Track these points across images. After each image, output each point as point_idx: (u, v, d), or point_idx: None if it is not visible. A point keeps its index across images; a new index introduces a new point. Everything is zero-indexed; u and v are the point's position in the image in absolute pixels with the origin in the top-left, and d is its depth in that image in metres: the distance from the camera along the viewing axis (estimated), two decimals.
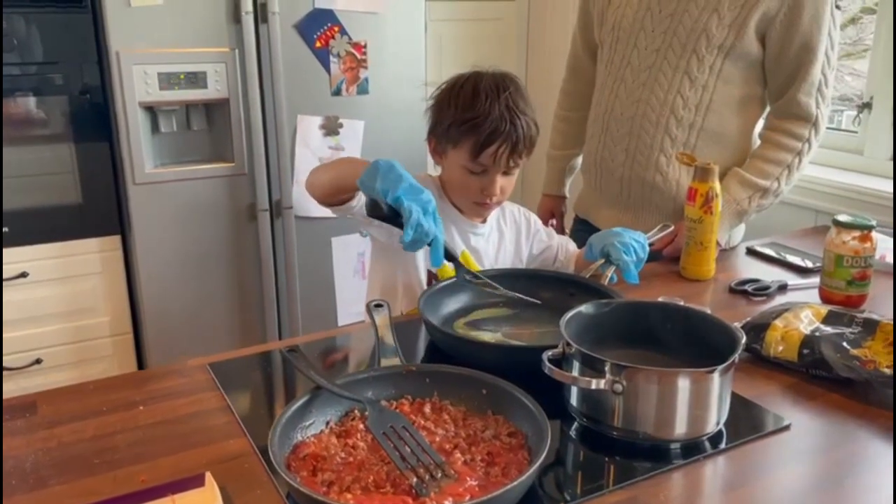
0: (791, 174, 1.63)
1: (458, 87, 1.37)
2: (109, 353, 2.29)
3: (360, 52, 2.31)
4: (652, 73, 1.65)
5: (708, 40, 1.58)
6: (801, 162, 1.64)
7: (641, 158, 1.68)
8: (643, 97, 1.66)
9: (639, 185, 1.70)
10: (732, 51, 1.58)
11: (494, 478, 0.83)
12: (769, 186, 1.63)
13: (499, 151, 1.32)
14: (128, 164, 2.12)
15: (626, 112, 1.69)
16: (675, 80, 1.63)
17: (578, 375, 0.93)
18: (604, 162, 1.76)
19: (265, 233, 2.31)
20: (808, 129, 1.61)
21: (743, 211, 1.64)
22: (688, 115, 1.63)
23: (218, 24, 2.13)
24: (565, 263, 1.59)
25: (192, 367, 1.13)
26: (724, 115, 1.64)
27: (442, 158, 1.42)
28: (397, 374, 1.00)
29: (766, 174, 1.63)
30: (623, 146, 1.71)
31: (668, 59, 1.63)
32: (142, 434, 0.95)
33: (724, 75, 1.60)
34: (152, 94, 2.10)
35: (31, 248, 2.13)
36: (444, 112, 1.36)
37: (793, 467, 0.90)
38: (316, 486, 0.81)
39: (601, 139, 1.76)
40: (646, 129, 1.67)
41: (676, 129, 1.64)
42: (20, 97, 2.06)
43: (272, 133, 2.26)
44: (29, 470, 0.87)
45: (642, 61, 1.67)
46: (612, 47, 1.74)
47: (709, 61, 1.59)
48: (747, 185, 1.63)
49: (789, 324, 1.15)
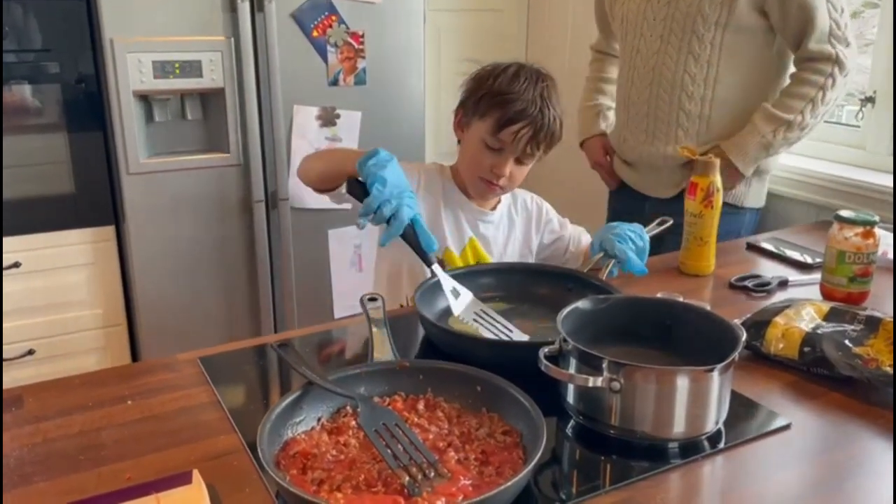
0: (815, 108, 1.74)
1: (500, 67, 1.40)
2: (102, 345, 2.27)
3: (358, 42, 2.28)
4: (659, 57, 1.82)
5: (704, 19, 1.73)
6: (826, 97, 1.74)
7: (660, 135, 1.86)
8: (654, 80, 1.84)
9: (660, 158, 1.87)
10: (729, 25, 1.72)
11: (488, 477, 0.81)
12: (793, 119, 1.74)
13: (521, 132, 1.33)
14: (122, 154, 2.09)
15: (641, 96, 1.87)
16: (680, 59, 1.78)
17: (575, 373, 0.91)
18: (627, 142, 1.95)
19: (261, 224, 2.28)
20: (831, 66, 1.72)
21: (768, 143, 1.76)
22: (697, 90, 1.79)
23: (213, 12, 2.10)
24: (576, 255, 1.57)
25: (183, 361, 1.11)
26: (734, 85, 1.78)
27: (464, 131, 1.43)
28: (391, 370, 0.98)
29: (789, 108, 1.75)
30: (643, 127, 1.89)
31: (672, 42, 1.79)
32: (129, 430, 0.93)
33: (727, 48, 1.75)
34: (146, 83, 2.07)
35: (24, 237, 2.10)
36: (480, 85, 1.39)
37: (793, 467, 0.89)
38: (305, 485, 0.79)
39: (625, 123, 1.94)
40: (661, 108, 1.84)
41: (689, 104, 1.80)
42: (14, 85, 2.04)
43: (268, 123, 2.23)
44: (13, 466, 0.86)
45: (649, 48, 1.84)
46: (623, 39, 1.93)
47: (708, 38, 1.74)
48: (772, 119, 1.75)
49: (790, 321, 1.13)
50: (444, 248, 1.44)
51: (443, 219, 1.45)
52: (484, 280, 1.30)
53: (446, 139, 2.88)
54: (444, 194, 1.47)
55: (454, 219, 1.46)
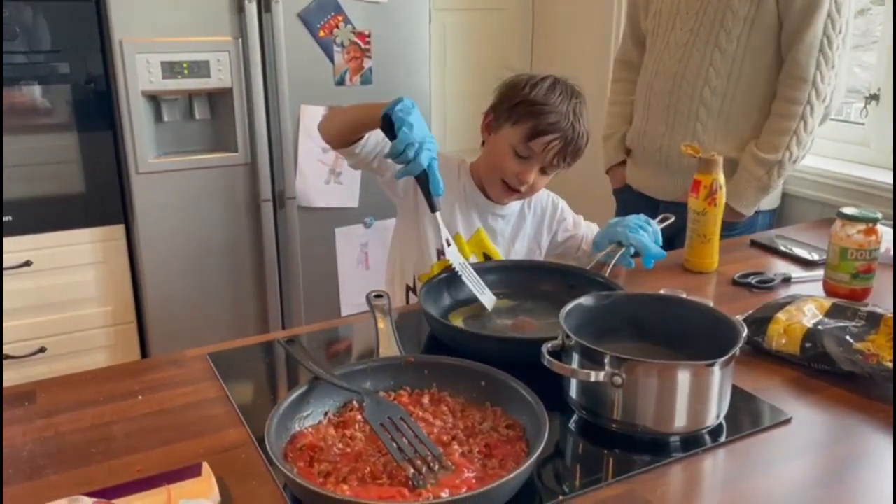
0: (801, 140, 1.75)
1: (537, 78, 1.42)
2: (113, 343, 2.29)
3: (364, 42, 2.30)
4: (686, 49, 1.83)
5: (733, 14, 1.74)
6: (808, 125, 1.74)
7: (679, 128, 1.86)
8: (679, 72, 1.84)
9: (677, 153, 1.82)
10: (756, 21, 1.73)
11: (492, 470, 0.82)
12: (782, 158, 1.75)
13: (551, 144, 1.37)
14: (131, 154, 2.11)
15: (664, 87, 1.88)
16: (706, 53, 1.79)
17: (578, 368, 0.93)
18: (646, 135, 1.95)
19: (268, 223, 2.30)
20: (807, 91, 1.72)
21: (765, 185, 1.78)
22: (721, 85, 1.79)
23: (221, 12, 2.11)
24: (588, 253, 1.58)
25: (192, 357, 1.12)
26: (755, 84, 1.78)
27: (492, 133, 1.45)
28: (396, 365, 0.99)
29: (776, 147, 1.76)
30: (663, 118, 1.89)
31: (700, 35, 1.80)
32: (139, 424, 0.95)
33: (752, 46, 1.75)
34: (155, 83, 2.09)
35: (35, 236, 2.13)
36: (516, 92, 1.40)
37: (794, 461, 0.90)
38: (312, 477, 0.81)
39: (645, 114, 1.95)
40: (682, 100, 1.84)
41: (711, 98, 1.81)
42: (24, 86, 2.06)
43: (275, 123, 2.25)
44: (25, 459, 0.87)
45: (678, 40, 1.85)
46: (654, 33, 1.93)
47: (735, 33, 1.75)
48: (762, 163, 1.76)
49: (792, 317, 1.14)
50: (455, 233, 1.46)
51: (457, 210, 1.47)
52: (488, 277, 1.31)
53: (452, 137, 2.90)
54: (460, 187, 1.49)
55: (465, 209, 1.49)
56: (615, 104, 2.13)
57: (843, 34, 1.72)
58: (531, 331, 1.20)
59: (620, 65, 2.13)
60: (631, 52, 2.08)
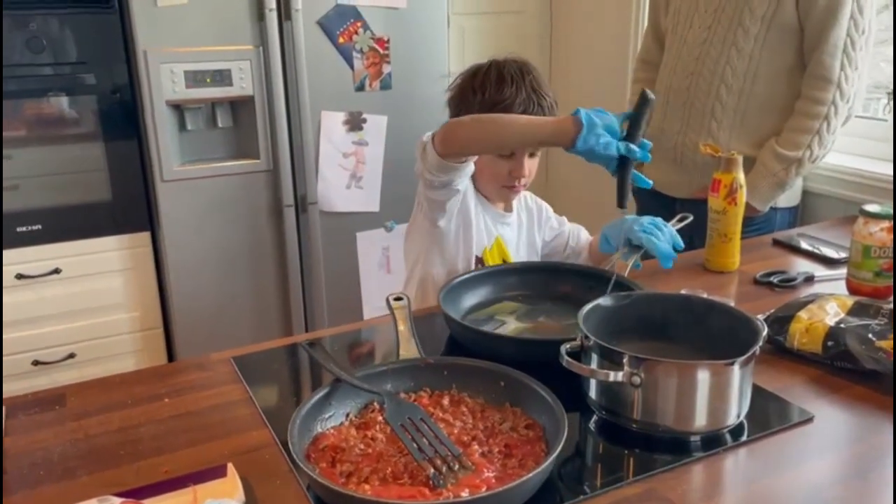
0: (822, 139, 1.74)
1: (481, 74, 1.38)
2: (140, 348, 2.33)
3: (383, 48, 2.31)
4: (704, 47, 1.83)
5: (751, 12, 1.74)
6: (831, 126, 1.73)
7: (695, 124, 1.86)
8: (695, 69, 1.85)
9: (692, 150, 1.85)
10: (775, 20, 1.72)
11: (511, 469, 0.83)
12: (802, 156, 1.74)
13: None
14: (156, 162, 2.15)
15: (681, 84, 1.89)
16: (723, 51, 1.79)
17: (596, 368, 0.93)
18: (663, 132, 1.94)
19: (291, 228, 2.33)
20: (832, 92, 1.71)
21: (782, 182, 1.77)
22: (737, 83, 1.79)
23: (242, 21, 2.15)
24: (577, 251, 1.59)
25: (216, 361, 1.14)
26: (774, 83, 1.77)
27: None
28: (416, 366, 1.00)
29: (797, 145, 1.74)
30: (679, 115, 1.90)
31: (717, 32, 1.80)
32: (165, 426, 0.97)
33: (770, 45, 1.74)
34: (179, 93, 2.13)
35: (64, 244, 2.17)
36: (469, 100, 1.37)
37: (816, 460, 0.89)
38: (335, 477, 0.82)
39: (663, 111, 1.94)
40: (699, 97, 1.85)
41: (727, 96, 1.80)
42: (52, 97, 2.11)
43: (296, 129, 2.27)
44: (57, 460, 0.90)
45: (696, 38, 1.85)
46: (673, 31, 1.94)
47: (753, 32, 1.74)
48: (781, 159, 1.75)
49: (814, 315, 1.13)
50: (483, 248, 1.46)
51: (481, 222, 1.46)
52: (508, 279, 1.32)
53: None
54: (473, 200, 1.47)
55: (483, 221, 1.48)
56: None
57: (867, 35, 1.71)
58: (550, 332, 1.21)
59: (641, 64, 2.14)
60: (652, 51, 2.09)
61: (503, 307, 1.28)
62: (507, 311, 1.27)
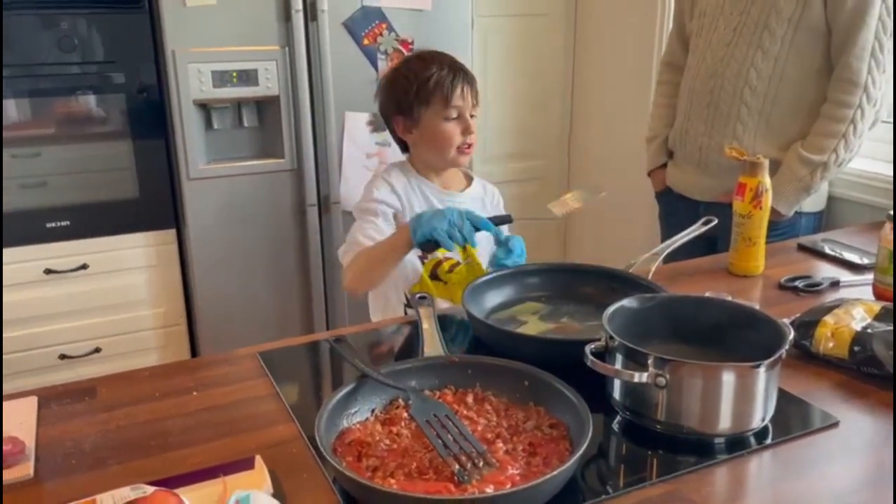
0: (849, 143, 1.72)
1: (403, 66, 1.55)
2: (164, 344, 2.36)
3: (408, 49, 2.33)
4: (729, 49, 1.81)
5: (778, 14, 1.73)
6: (857, 129, 1.72)
7: (719, 126, 1.85)
8: (720, 71, 1.83)
9: (716, 152, 1.84)
10: (802, 22, 1.71)
11: (535, 467, 0.84)
12: (827, 160, 1.73)
13: (464, 90, 1.50)
14: (182, 160, 2.18)
15: (705, 86, 1.87)
16: (748, 53, 1.78)
17: (621, 368, 0.93)
18: (687, 134, 1.94)
19: (313, 227, 2.35)
20: (859, 96, 1.70)
21: (807, 186, 1.76)
22: (762, 86, 1.77)
23: (269, 22, 2.17)
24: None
25: (242, 356, 1.16)
26: (800, 86, 1.76)
27: (415, 127, 1.53)
28: (440, 364, 1.01)
29: (822, 149, 1.73)
30: (703, 117, 1.88)
31: (743, 34, 1.79)
32: (193, 419, 0.98)
33: (796, 47, 1.73)
34: (206, 92, 2.15)
35: (91, 240, 2.21)
36: (401, 88, 1.52)
37: (840, 464, 0.89)
38: (361, 471, 0.83)
39: (686, 113, 1.94)
40: (723, 99, 1.83)
41: (751, 98, 1.79)
42: (80, 96, 2.14)
43: (321, 129, 2.29)
44: (88, 451, 0.92)
45: (720, 40, 1.84)
46: (698, 33, 1.93)
47: (780, 34, 1.73)
48: (807, 163, 1.74)
49: (840, 320, 1.13)
50: None
51: (424, 208, 1.53)
52: (529, 280, 1.33)
53: (493, 142, 2.91)
54: (417, 186, 1.56)
55: (428, 204, 1.55)
56: (658, 106, 2.13)
57: (892, 36, 1.69)
58: (573, 333, 1.21)
59: (665, 67, 2.14)
60: (676, 53, 2.08)
61: (526, 307, 1.29)
62: (530, 311, 1.28)
